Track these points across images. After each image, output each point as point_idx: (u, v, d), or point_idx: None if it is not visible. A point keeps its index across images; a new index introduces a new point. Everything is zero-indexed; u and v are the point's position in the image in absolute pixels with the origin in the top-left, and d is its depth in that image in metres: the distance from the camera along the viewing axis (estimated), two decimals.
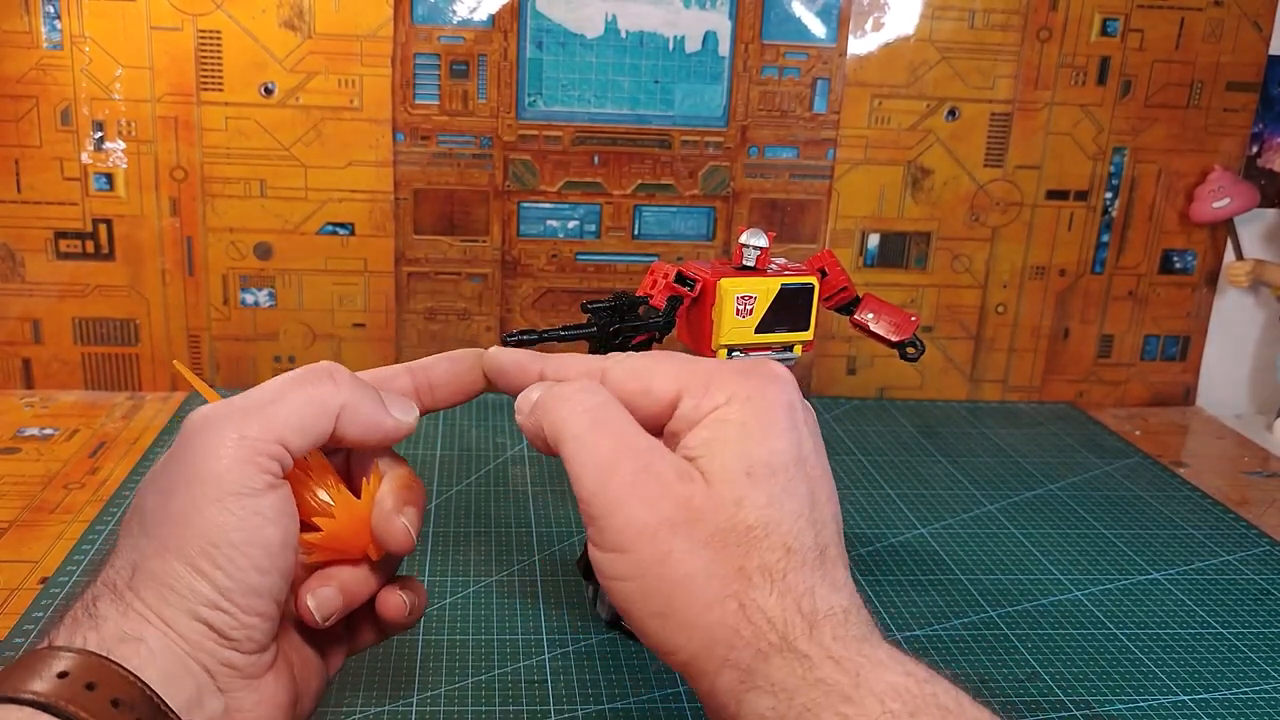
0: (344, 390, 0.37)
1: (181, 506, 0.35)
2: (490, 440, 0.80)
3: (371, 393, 0.39)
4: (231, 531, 0.34)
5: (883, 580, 0.63)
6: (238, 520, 0.34)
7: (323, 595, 0.38)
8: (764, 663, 0.32)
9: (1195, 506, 0.75)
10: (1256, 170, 0.91)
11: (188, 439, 0.35)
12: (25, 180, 0.81)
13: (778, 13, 0.84)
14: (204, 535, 0.34)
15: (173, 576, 0.34)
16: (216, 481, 0.34)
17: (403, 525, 0.38)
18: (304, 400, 0.36)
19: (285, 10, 0.80)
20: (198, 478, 0.34)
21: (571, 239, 0.87)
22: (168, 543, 0.34)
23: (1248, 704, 0.53)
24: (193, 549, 0.34)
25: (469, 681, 0.52)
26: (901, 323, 0.58)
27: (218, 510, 0.34)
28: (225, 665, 0.35)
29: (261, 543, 0.35)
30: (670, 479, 0.35)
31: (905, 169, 0.88)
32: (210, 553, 0.34)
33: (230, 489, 0.34)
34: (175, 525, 0.34)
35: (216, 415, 0.36)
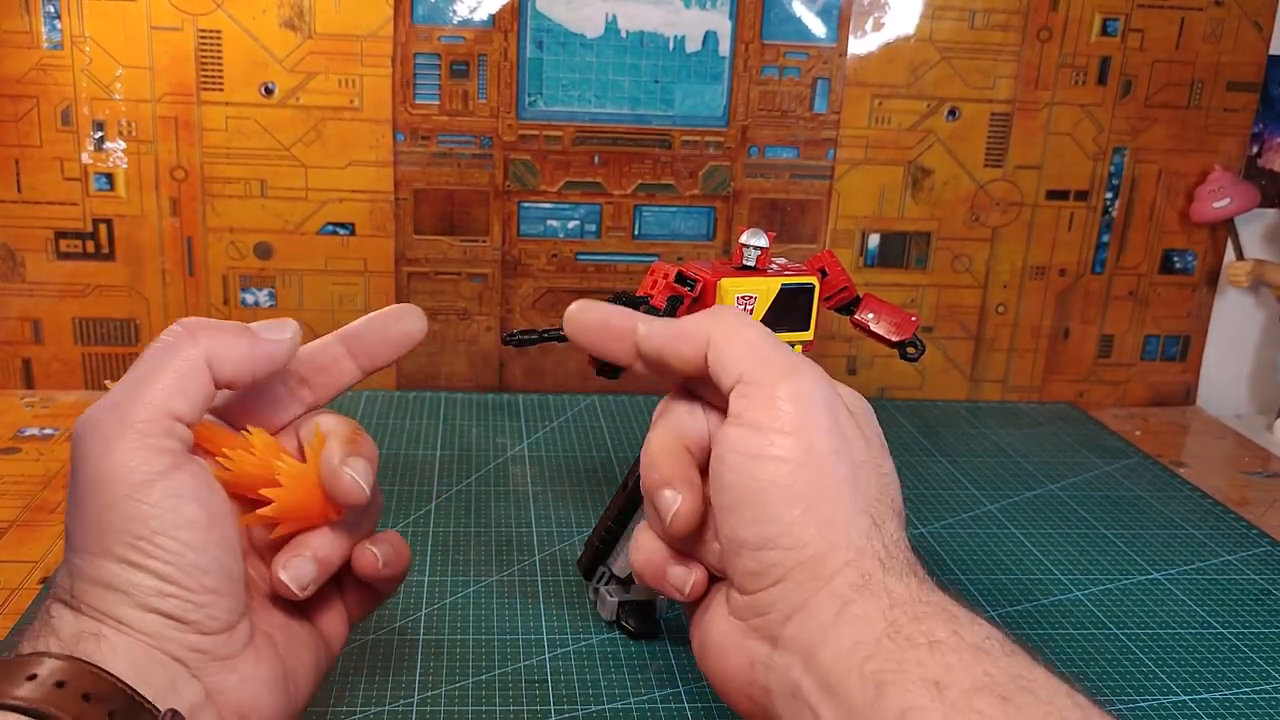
0: (203, 338, 0.36)
1: (93, 511, 0.34)
2: (490, 440, 0.80)
3: (234, 328, 0.38)
4: (149, 520, 0.34)
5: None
6: (151, 508, 0.34)
7: (295, 565, 0.38)
8: (884, 574, 0.33)
9: (1195, 506, 0.75)
10: (1257, 170, 0.91)
11: (77, 445, 0.35)
12: (25, 180, 0.81)
13: (778, 13, 0.84)
14: (123, 530, 0.34)
15: (110, 576, 0.34)
16: (117, 477, 0.34)
17: (349, 476, 0.37)
18: (171, 367, 0.36)
19: (285, 10, 0.80)
20: (99, 479, 0.34)
21: (572, 239, 0.87)
22: (93, 548, 0.34)
23: (1248, 704, 0.53)
24: (119, 546, 0.34)
25: (469, 681, 0.52)
26: (902, 323, 0.58)
27: (129, 504, 0.34)
28: (193, 650, 0.34)
29: (185, 521, 0.34)
30: (840, 400, 0.37)
31: (905, 169, 0.88)
32: (136, 544, 0.34)
33: (134, 480, 0.34)
34: (94, 531, 0.34)
35: (96, 414, 0.35)
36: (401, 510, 0.68)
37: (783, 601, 0.34)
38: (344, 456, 0.38)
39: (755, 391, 0.36)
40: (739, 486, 0.35)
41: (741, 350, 0.36)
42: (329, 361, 0.42)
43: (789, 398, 0.35)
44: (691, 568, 0.38)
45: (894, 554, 0.34)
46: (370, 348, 0.42)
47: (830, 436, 0.35)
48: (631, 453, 0.77)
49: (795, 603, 0.34)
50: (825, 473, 0.34)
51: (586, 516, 0.68)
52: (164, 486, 0.34)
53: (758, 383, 0.36)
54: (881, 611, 0.32)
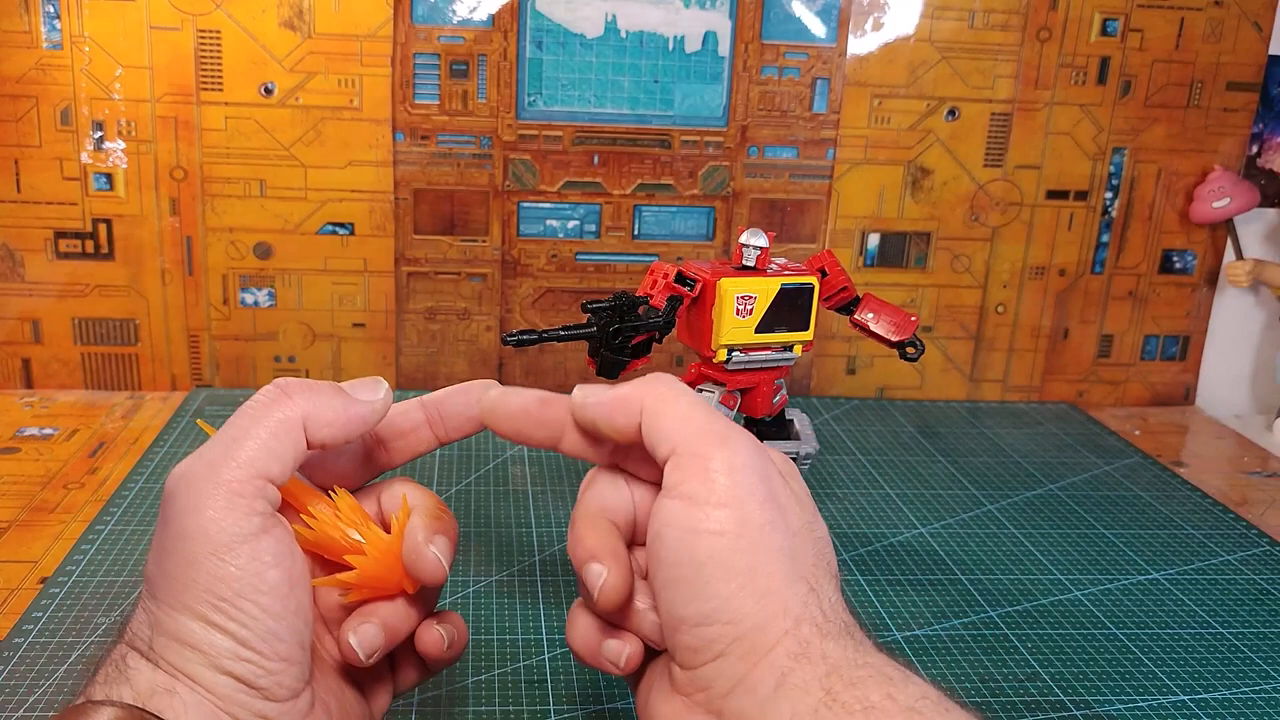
0: (299, 399, 0.37)
1: (178, 567, 0.34)
2: (490, 440, 0.80)
3: (329, 388, 0.38)
4: (233, 581, 0.34)
5: (883, 580, 0.63)
6: (237, 570, 0.34)
7: (364, 632, 0.38)
8: (821, 640, 0.34)
9: (1195, 506, 0.75)
10: (1256, 170, 0.91)
11: (170, 500, 0.35)
12: (25, 180, 0.81)
13: (778, 12, 0.84)
14: (208, 590, 0.34)
15: (189, 634, 0.34)
16: (206, 535, 0.34)
17: (434, 555, 0.38)
18: (265, 427, 0.36)
19: (285, 10, 0.80)
20: (187, 535, 0.34)
21: (571, 239, 0.87)
22: (175, 603, 0.34)
23: (1248, 704, 0.53)
24: (201, 605, 0.34)
25: (469, 681, 0.52)
26: (901, 322, 0.58)
27: (215, 563, 0.34)
28: (259, 716, 0.35)
29: (267, 587, 0.35)
30: (774, 467, 0.37)
31: (905, 169, 0.88)
32: (219, 605, 0.34)
33: (223, 540, 0.34)
34: (178, 585, 0.34)
35: (190, 470, 0.35)
36: None
37: (724, 676, 0.34)
38: (429, 534, 0.38)
39: (690, 463, 0.35)
40: (677, 563, 0.35)
41: (675, 422, 0.36)
42: (409, 428, 0.42)
43: (723, 470, 0.35)
44: (625, 640, 0.38)
45: (830, 618, 0.34)
46: (450, 420, 0.42)
47: (766, 507, 0.35)
48: None
49: (735, 676, 0.34)
50: (761, 544, 0.34)
51: None
52: (251, 550, 0.34)
53: (692, 454, 0.36)
54: (819, 679, 0.32)
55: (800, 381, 0.92)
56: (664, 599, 0.35)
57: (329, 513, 0.38)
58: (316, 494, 0.39)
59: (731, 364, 0.55)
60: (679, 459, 0.36)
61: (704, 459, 0.35)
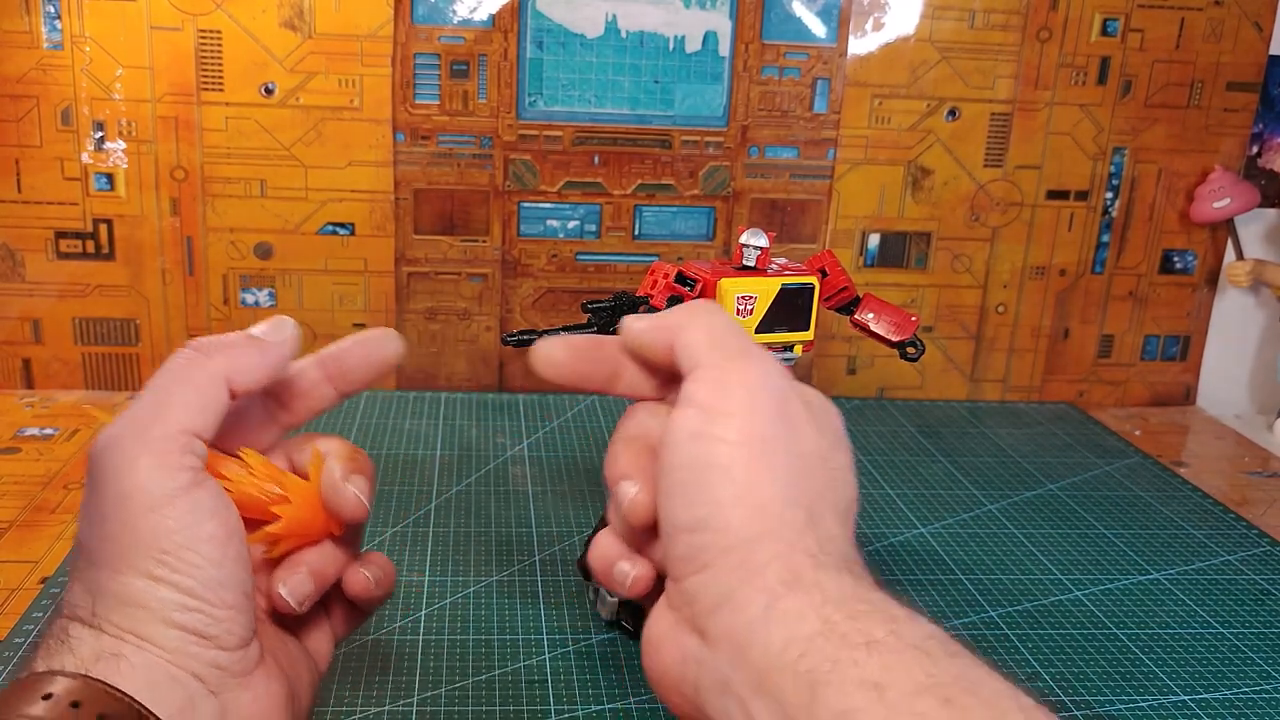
0: (217, 355, 0.38)
1: (117, 527, 0.35)
2: (490, 440, 0.80)
3: (240, 338, 0.39)
4: (174, 534, 0.34)
5: (883, 580, 0.63)
6: (174, 523, 0.34)
7: (294, 581, 0.39)
8: (816, 570, 0.32)
9: (1195, 506, 0.75)
10: (1257, 170, 0.91)
11: (98, 462, 0.36)
12: (25, 180, 0.81)
13: (778, 13, 0.84)
14: (150, 545, 0.34)
15: (135, 592, 0.34)
16: (143, 492, 0.34)
17: (352, 493, 0.39)
18: (189, 384, 0.37)
19: (285, 10, 0.80)
20: (124, 495, 0.35)
21: (572, 239, 0.87)
22: (117, 564, 0.34)
23: (1248, 704, 0.53)
24: (145, 561, 0.34)
25: (469, 681, 0.52)
26: (901, 323, 0.58)
27: (154, 518, 0.34)
28: (213, 666, 0.35)
29: (206, 535, 0.35)
30: (792, 391, 0.37)
31: (905, 169, 0.88)
32: (162, 559, 0.34)
33: (159, 494, 0.35)
34: (119, 546, 0.35)
35: (117, 432, 0.36)
36: (401, 510, 0.68)
37: (709, 588, 0.33)
38: (345, 474, 0.39)
39: (707, 374, 0.36)
40: (679, 466, 0.34)
41: (702, 336, 0.37)
42: (308, 387, 0.42)
43: (739, 382, 0.35)
44: (636, 562, 0.38)
45: (828, 550, 0.34)
46: (349, 373, 0.43)
47: (775, 423, 0.35)
48: None
49: (722, 591, 0.33)
50: (764, 458, 0.34)
51: (586, 516, 0.68)
52: (186, 502, 0.35)
53: (710, 365, 0.36)
54: (814, 608, 0.31)
55: (801, 381, 0.92)
56: (664, 508, 0.35)
57: (242, 472, 0.39)
58: (225, 457, 0.39)
59: None
60: (699, 371, 0.36)
61: (721, 370, 0.36)
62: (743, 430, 0.34)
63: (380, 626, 0.56)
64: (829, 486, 0.36)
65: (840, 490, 0.36)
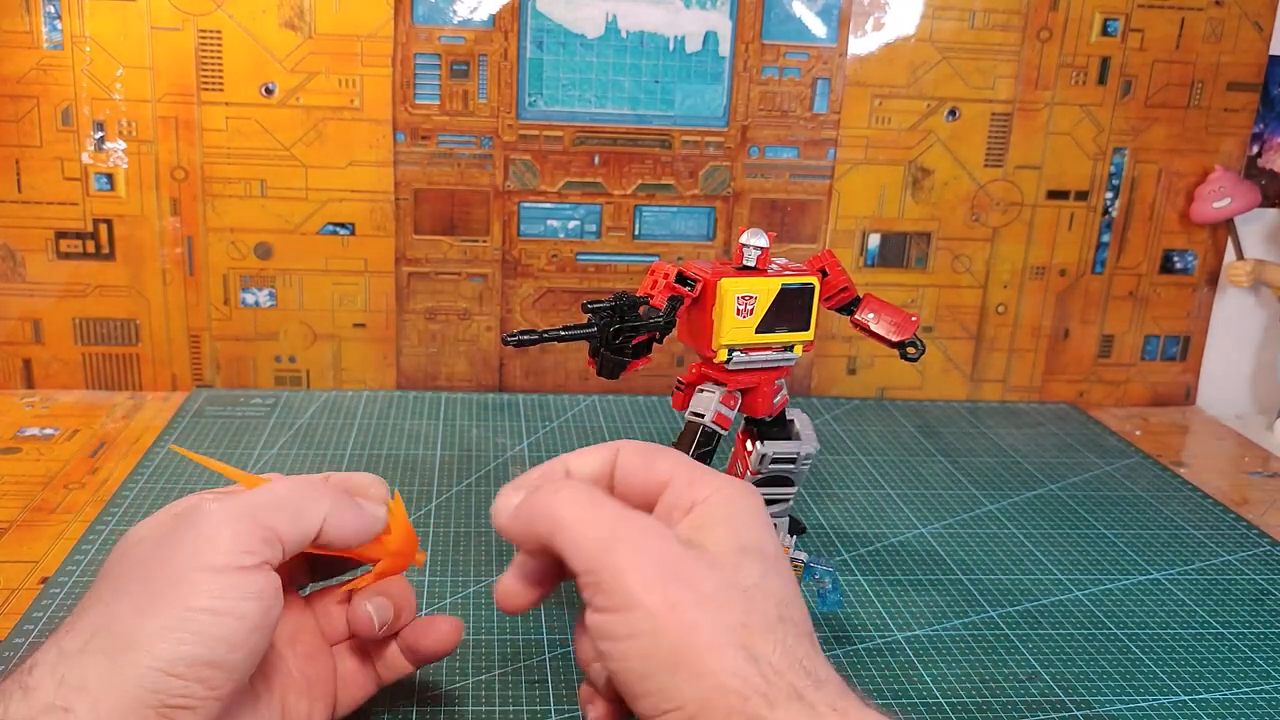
0: (328, 499, 0.41)
1: (167, 572, 0.36)
2: (490, 440, 0.80)
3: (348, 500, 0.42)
4: (214, 598, 0.35)
5: (883, 580, 0.63)
6: (220, 588, 0.36)
7: (379, 603, 0.44)
8: (771, 710, 0.33)
9: (1195, 506, 0.75)
10: (1257, 170, 0.91)
11: (185, 515, 0.37)
12: (26, 180, 0.81)
13: (778, 13, 0.84)
14: (185, 597, 0.35)
15: (140, 635, 0.35)
16: (208, 550, 0.36)
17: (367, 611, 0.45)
18: (295, 501, 0.40)
19: (285, 10, 0.80)
20: (190, 546, 0.36)
21: (572, 239, 0.87)
22: (145, 604, 0.35)
23: (1248, 704, 0.53)
24: (170, 611, 0.35)
25: (469, 681, 0.52)
26: (902, 323, 0.58)
27: (203, 576, 0.36)
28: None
29: (238, 614, 0.36)
30: (671, 541, 0.37)
31: (905, 169, 0.88)
32: (186, 617, 0.35)
33: (219, 559, 0.36)
34: (158, 586, 0.35)
35: (214, 498, 0.38)
36: None
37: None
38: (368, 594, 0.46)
39: (589, 581, 0.36)
40: (617, 670, 0.36)
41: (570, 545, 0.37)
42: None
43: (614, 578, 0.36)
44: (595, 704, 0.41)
45: (774, 681, 0.34)
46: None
47: (669, 590, 0.35)
48: None
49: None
50: (675, 631, 0.34)
51: None
52: (240, 578, 0.36)
53: (588, 572, 0.37)
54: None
55: (801, 381, 0.92)
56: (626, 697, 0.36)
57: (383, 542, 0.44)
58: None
59: (732, 364, 0.54)
60: (582, 579, 0.37)
61: (597, 574, 0.36)
62: (645, 618, 0.35)
63: None
64: (751, 610, 0.36)
65: (762, 604, 0.36)
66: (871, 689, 0.53)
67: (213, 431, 0.78)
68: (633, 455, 0.42)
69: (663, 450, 0.42)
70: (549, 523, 0.38)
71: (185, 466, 0.72)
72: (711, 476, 0.40)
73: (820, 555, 0.58)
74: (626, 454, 0.42)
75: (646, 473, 0.41)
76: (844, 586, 0.62)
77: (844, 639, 0.57)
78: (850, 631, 0.57)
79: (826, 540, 0.67)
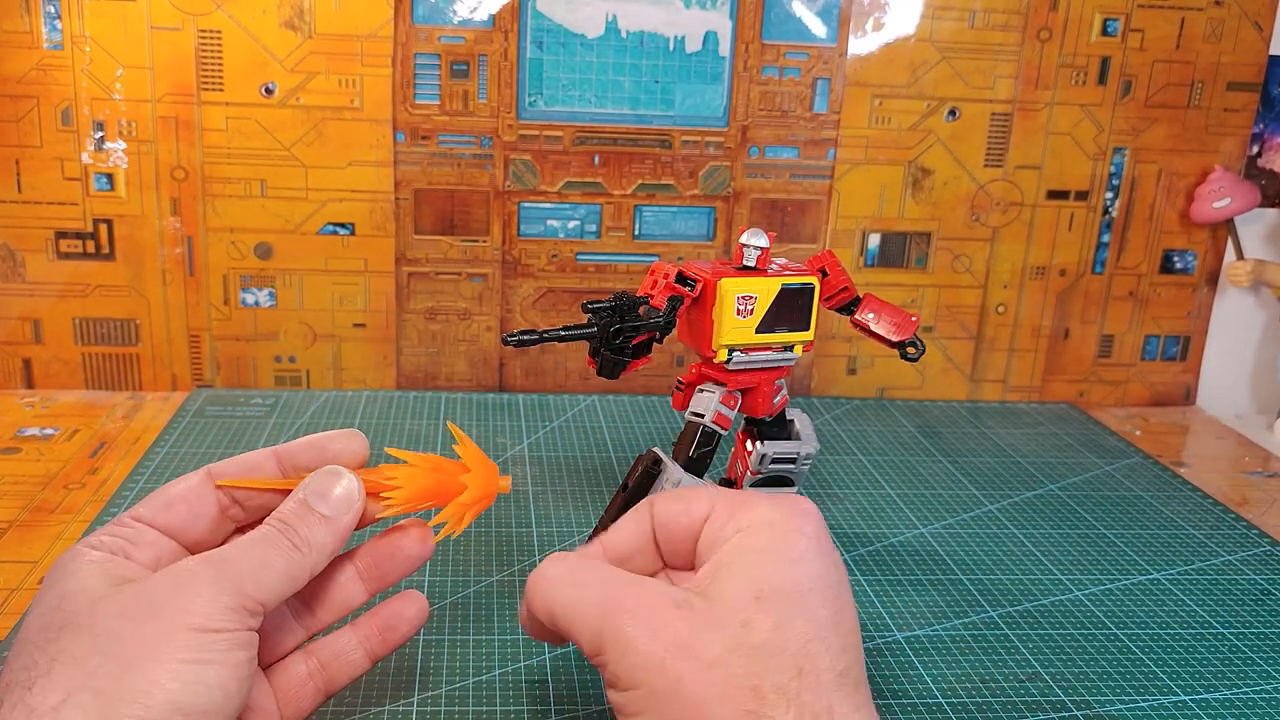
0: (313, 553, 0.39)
1: (154, 629, 0.34)
2: (490, 440, 0.80)
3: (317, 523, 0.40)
4: (205, 650, 0.34)
5: (883, 580, 0.63)
6: (210, 640, 0.35)
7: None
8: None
9: (1195, 506, 0.75)
10: (1257, 170, 0.91)
11: (167, 575, 0.36)
12: (26, 180, 0.81)
13: (778, 13, 0.84)
14: (177, 652, 0.34)
15: (128, 690, 0.33)
16: (198, 615, 0.35)
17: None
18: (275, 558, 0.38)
19: (285, 10, 0.80)
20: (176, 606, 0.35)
21: (572, 239, 0.87)
22: (130, 660, 0.33)
23: (1248, 704, 0.53)
24: (162, 665, 0.34)
25: (469, 681, 0.52)
26: (902, 323, 0.58)
27: (192, 635, 0.34)
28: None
29: (231, 663, 0.35)
30: (666, 607, 0.36)
31: (905, 169, 0.88)
32: (179, 670, 0.34)
33: (211, 623, 0.35)
34: (145, 641, 0.34)
35: (197, 561, 0.37)
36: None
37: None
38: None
39: (597, 660, 0.37)
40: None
41: (570, 626, 0.37)
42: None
43: (617, 659, 0.35)
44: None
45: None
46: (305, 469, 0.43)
47: (672, 664, 0.34)
48: (632, 452, 0.77)
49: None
50: (683, 708, 0.34)
51: (586, 516, 0.68)
52: (226, 635, 0.35)
53: (593, 652, 0.37)
54: None
55: (801, 381, 0.92)
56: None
57: (404, 471, 0.43)
58: (380, 469, 0.43)
59: (732, 364, 0.55)
60: (591, 660, 0.37)
61: (601, 656, 0.36)
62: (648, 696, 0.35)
63: None
64: (760, 671, 0.34)
65: (775, 660, 0.35)
66: (872, 689, 0.52)
67: (213, 432, 0.78)
68: (668, 504, 0.41)
69: (698, 490, 0.41)
70: (547, 615, 0.38)
71: (184, 467, 0.72)
72: (755, 502, 0.39)
73: None
74: (661, 505, 0.41)
75: (686, 517, 0.40)
76: None
77: None
78: None
79: None
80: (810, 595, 0.36)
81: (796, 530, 0.38)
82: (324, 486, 0.41)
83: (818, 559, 0.38)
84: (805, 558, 0.37)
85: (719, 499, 0.40)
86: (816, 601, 0.36)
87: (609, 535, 0.42)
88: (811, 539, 0.38)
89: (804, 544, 0.38)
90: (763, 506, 0.39)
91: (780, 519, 0.38)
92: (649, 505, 0.41)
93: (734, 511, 0.39)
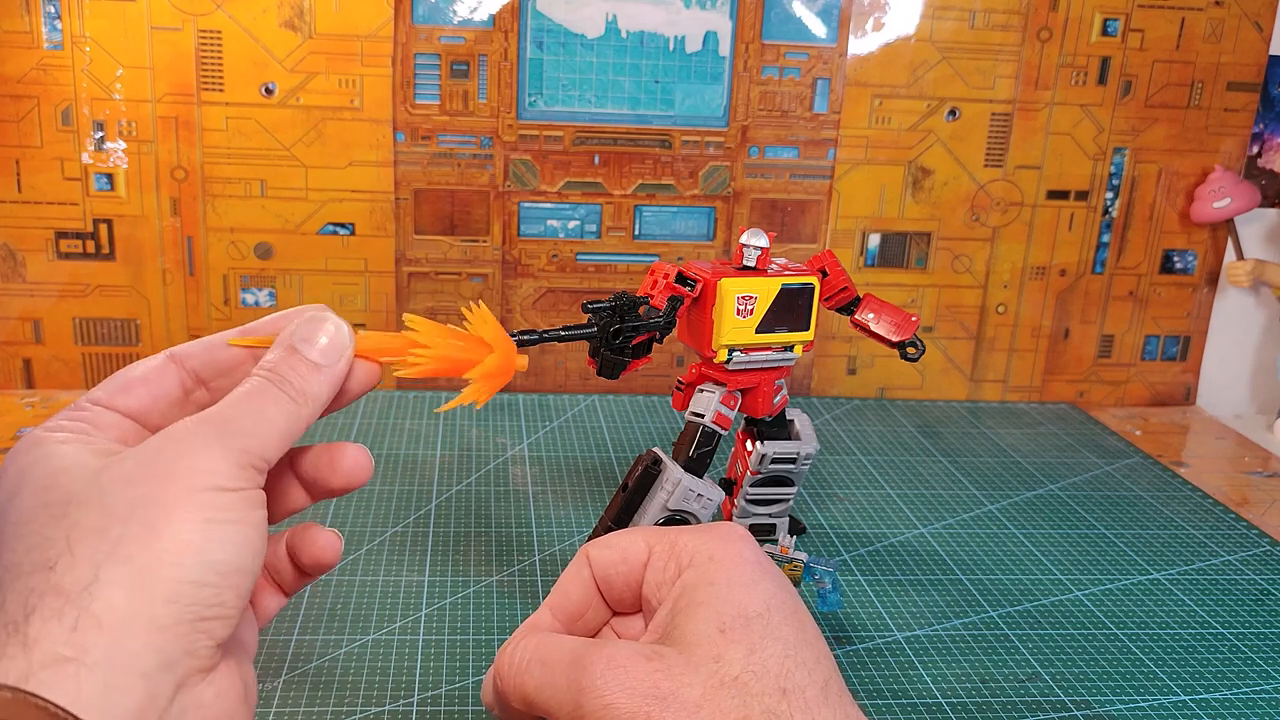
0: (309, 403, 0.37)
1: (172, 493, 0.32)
2: (490, 440, 0.80)
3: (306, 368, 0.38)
4: (227, 510, 0.33)
5: (883, 580, 0.63)
6: (229, 501, 0.33)
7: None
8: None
9: (1195, 506, 0.75)
10: (1257, 170, 0.91)
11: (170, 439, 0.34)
12: (26, 180, 0.81)
13: (778, 13, 0.84)
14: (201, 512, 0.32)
15: (161, 554, 0.31)
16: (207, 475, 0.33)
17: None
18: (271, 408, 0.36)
19: (285, 10, 0.80)
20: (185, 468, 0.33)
21: (572, 239, 0.87)
22: (152, 527, 0.31)
23: (1248, 704, 0.53)
24: (187, 527, 0.32)
25: (469, 681, 0.52)
26: (902, 323, 0.58)
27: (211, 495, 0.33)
28: (188, 654, 0.32)
29: (252, 521, 0.33)
30: (637, 663, 0.35)
31: (905, 169, 0.88)
32: (206, 529, 0.32)
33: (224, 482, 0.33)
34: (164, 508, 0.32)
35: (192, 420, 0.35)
36: (401, 510, 0.68)
37: None
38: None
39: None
40: None
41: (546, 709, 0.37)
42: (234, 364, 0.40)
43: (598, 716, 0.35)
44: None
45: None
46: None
47: (655, 707, 0.34)
48: (632, 452, 0.77)
49: None
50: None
51: (586, 516, 0.68)
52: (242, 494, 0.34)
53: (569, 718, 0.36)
54: None
55: (801, 381, 0.92)
56: None
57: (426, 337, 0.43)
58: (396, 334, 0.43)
59: (732, 364, 0.55)
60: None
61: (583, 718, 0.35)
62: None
63: (380, 626, 0.56)
64: (745, 701, 0.34)
65: (758, 686, 0.35)
66: (871, 689, 0.53)
67: None
68: (603, 553, 0.41)
69: (629, 532, 0.41)
70: (521, 701, 0.38)
71: None
72: (690, 535, 0.39)
73: (820, 555, 0.59)
74: (597, 554, 0.41)
75: (625, 565, 0.40)
76: (844, 586, 0.62)
77: (844, 639, 0.57)
78: (850, 631, 0.57)
79: (826, 540, 0.67)
80: (771, 616, 0.36)
81: (737, 556, 0.38)
82: (311, 332, 0.38)
83: (765, 580, 0.38)
84: (754, 581, 0.37)
85: (654, 540, 0.40)
86: (778, 621, 0.36)
87: (553, 598, 0.42)
88: (753, 563, 0.38)
89: (749, 569, 0.38)
90: (699, 540, 0.39)
91: (719, 549, 0.38)
92: (584, 558, 0.41)
93: (673, 551, 0.39)
